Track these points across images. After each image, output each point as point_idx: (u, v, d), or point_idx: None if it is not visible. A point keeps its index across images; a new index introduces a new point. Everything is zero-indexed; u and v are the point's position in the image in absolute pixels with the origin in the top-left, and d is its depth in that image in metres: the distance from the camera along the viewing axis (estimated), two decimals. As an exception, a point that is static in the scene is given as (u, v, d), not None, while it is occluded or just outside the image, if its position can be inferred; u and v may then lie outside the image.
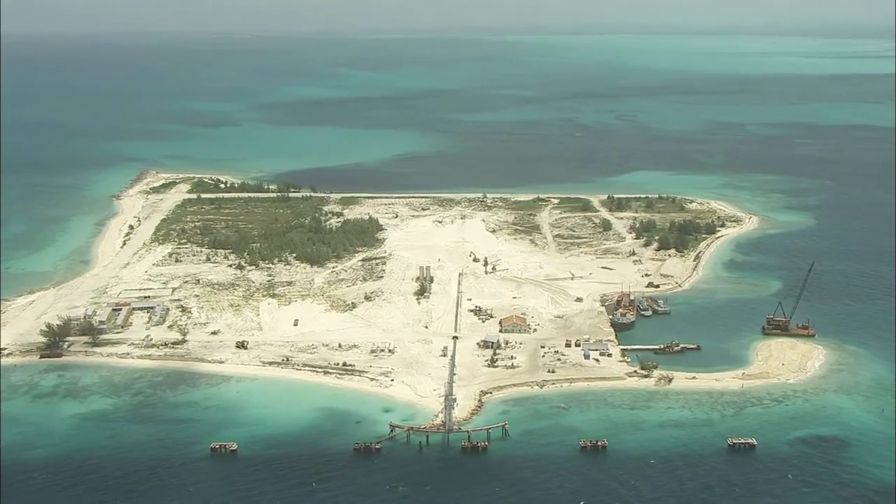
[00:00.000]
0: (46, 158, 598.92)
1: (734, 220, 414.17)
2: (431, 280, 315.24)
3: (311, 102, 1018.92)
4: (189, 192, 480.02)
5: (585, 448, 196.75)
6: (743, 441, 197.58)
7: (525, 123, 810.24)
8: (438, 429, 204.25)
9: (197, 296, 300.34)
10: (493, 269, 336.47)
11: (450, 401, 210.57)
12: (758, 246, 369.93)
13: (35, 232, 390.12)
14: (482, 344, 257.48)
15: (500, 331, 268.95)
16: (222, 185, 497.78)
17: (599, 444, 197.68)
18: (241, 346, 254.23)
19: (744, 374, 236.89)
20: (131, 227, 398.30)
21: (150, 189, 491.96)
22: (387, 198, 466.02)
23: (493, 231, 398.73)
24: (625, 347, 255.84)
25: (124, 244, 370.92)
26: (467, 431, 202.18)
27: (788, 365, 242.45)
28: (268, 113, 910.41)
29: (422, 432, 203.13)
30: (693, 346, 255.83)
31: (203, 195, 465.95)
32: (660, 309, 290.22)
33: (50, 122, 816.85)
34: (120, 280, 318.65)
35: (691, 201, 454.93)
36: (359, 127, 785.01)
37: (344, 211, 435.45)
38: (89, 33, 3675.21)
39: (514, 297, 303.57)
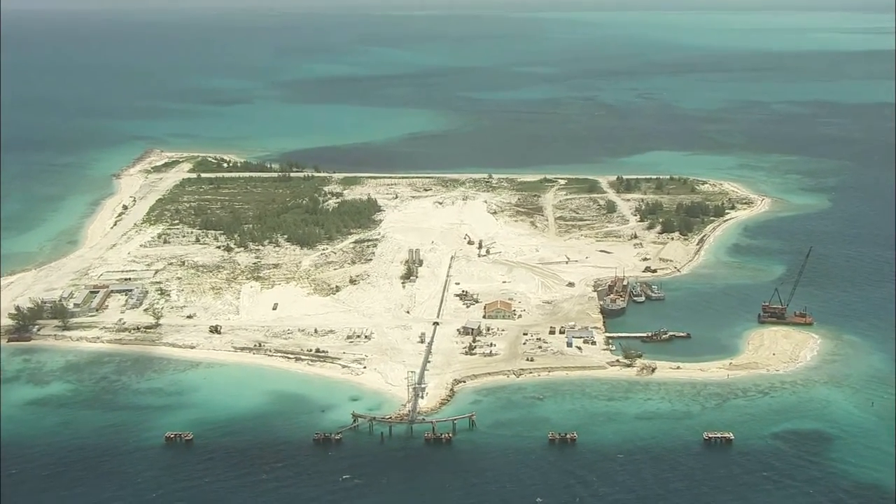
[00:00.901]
0: (49, 136, 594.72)
1: (745, 203, 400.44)
2: (420, 263, 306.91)
3: (325, 80, 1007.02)
4: (190, 171, 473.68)
5: (554, 441, 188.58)
6: (720, 435, 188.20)
7: (543, 102, 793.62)
8: (402, 419, 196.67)
9: (179, 278, 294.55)
10: (487, 252, 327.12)
11: (417, 390, 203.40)
12: (765, 229, 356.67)
13: (28, 211, 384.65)
14: (462, 330, 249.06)
15: (484, 316, 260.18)
16: (225, 165, 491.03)
17: (569, 437, 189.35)
18: (215, 330, 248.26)
19: (731, 364, 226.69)
20: (125, 207, 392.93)
21: (152, 168, 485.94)
22: (390, 178, 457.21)
23: (495, 213, 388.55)
24: (610, 335, 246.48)
25: (115, 224, 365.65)
26: (431, 422, 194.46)
27: (780, 355, 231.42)
28: (282, 90, 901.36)
29: (385, 422, 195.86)
30: (683, 335, 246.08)
31: (203, 174, 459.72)
32: (654, 295, 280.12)
33: (55, 100, 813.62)
34: (104, 261, 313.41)
35: (703, 182, 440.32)
36: (372, 105, 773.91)
37: (344, 191, 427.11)
38: (103, 9, 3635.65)
39: (504, 282, 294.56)
